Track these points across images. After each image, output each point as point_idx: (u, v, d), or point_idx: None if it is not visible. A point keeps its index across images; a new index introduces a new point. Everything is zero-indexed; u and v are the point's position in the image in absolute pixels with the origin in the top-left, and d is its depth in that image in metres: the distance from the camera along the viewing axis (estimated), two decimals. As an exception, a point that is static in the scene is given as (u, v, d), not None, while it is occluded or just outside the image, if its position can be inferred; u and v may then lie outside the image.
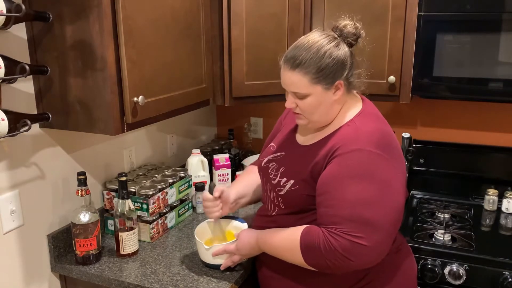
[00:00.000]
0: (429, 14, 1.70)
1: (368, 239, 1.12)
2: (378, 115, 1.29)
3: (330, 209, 1.17)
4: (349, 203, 1.14)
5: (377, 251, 1.16)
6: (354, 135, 1.21)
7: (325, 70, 1.18)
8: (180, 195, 1.80)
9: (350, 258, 1.13)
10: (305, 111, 1.24)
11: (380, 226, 1.14)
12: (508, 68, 1.63)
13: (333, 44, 1.20)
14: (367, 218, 1.13)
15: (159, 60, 1.43)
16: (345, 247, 1.13)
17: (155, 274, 1.44)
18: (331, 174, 1.19)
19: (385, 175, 1.17)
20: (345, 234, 1.13)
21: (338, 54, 1.19)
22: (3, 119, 1.20)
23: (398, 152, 1.25)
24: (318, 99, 1.21)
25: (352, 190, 1.15)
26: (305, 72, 1.18)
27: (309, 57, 1.18)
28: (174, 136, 2.18)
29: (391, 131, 1.28)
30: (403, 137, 2.04)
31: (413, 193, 2.16)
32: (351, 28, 1.22)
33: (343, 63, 1.20)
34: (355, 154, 1.17)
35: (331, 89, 1.21)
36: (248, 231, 1.40)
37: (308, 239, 1.19)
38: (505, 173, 2.00)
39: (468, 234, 1.75)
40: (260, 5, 1.77)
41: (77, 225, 1.46)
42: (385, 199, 1.16)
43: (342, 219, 1.14)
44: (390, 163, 1.19)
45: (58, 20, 1.29)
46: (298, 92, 1.22)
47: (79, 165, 1.61)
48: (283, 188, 1.30)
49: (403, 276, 1.35)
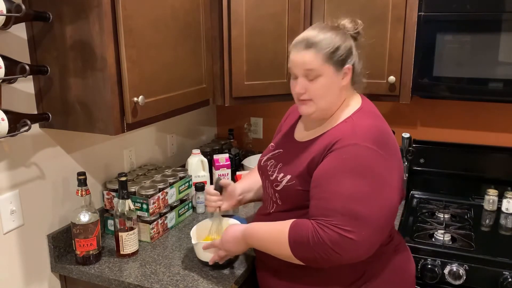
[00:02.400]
0: (429, 14, 1.70)
1: (357, 233, 1.12)
2: (376, 113, 1.31)
3: (322, 202, 1.18)
4: (341, 197, 1.15)
5: (365, 246, 1.16)
6: (351, 130, 1.22)
7: (337, 52, 1.23)
8: (180, 195, 1.80)
9: (338, 251, 1.13)
10: (315, 95, 1.25)
11: (371, 221, 1.14)
12: (508, 68, 1.63)
13: (340, 32, 1.26)
14: (358, 212, 1.13)
15: (159, 60, 1.43)
16: (334, 240, 1.13)
17: (155, 274, 1.44)
18: (326, 167, 1.20)
19: (380, 172, 1.17)
20: (334, 227, 1.13)
21: (345, 40, 1.25)
22: (3, 119, 1.20)
23: (395, 150, 1.25)
24: (329, 81, 1.24)
25: (345, 184, 1.15)
26: (319, 49, 1.22)
27: (323, 37, 1.23)
28: (174, 136, 2.19)
29: (389, 129, 1.28)
30: (403, 137, 2.04)
31: (413, 193, 2.16)
32: (352, 24, 1.28)
33: (350, 50, 1.26)
34: (351, 149, 1.18)
35: (341, 73, 1.25)
36: (234, 225, 1.39)
37: (296, 231, 1.19)
38: (505, 173, 2.00)
39: (468, 234, 1.75)
40: (260, 5, 1.77)
41: (77, 225, 1.46)
42: (378, 195, 1.16)
43: (333, 212, 1.14)
44: (386, 160, 1.19)
45: (58, 20, 1.29)
46: (311, 69, 1.23)
47: (79, 165, 1.61)
48: (280, 183, 1.31)
49: (401, 276, 1.35)
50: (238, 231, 1.34)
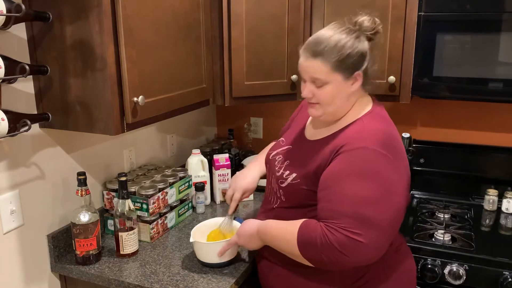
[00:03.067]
0: (429, 14, 1.70)
1: (365, 236, 1.13)
2: (386, 117, 1.31)
3: (330, 204, 1.18)
4: (350, 200, 1.15)
5: (373, 249, 1.16)
6: (360, 133, 1.22)
7: (346, 60, 1.21)
8: (180, 195, 1.80)
9: (346, 253, 1.13)
10: (323, 101, 1.25)
11: (379, 224, 1.14)
12: (508, 68, 1.63)
13: (354, 36, 1.22)
14: (366, 215, 1.13)
15: (159, 60, 1.43)
16: (342, 242, 1.13)
17: (155, 274, 1.44)
18: (334, 170, 1.20)
19: (388, 175, 1.17)
20: (342, 230, 1.13)
21: (359, 46, 1.22)
22: (3, 119, 1.20)
23: (403, 155, 1.26)
24: (337, 89, 1.23)
25: (354, 187, 1.15)
26: (327, 59, 1.20)
27: (332, 45, 1.20)
28: (174, 136, 2.18)
29: (398, 134, 1.28)
30: (403, 137, 2.04)
31: (413, 193, 2.16)
32: (370, 23, 1.25)
33: (362, 55, 1.23)
34: (359, 152, 1.18)
35: (350, 80, 1.23)
36: (251, 220, 1.41)
37: (305, 232, 1.19)
38: (505, 173, 2.00)
39: (468, 234, 1.75)
40: (260, 5, 1.77)
41: (77, 225, 1.46)
42: (386, 198, 1.16)
43: (341, 215, 1.14)
44: (394, 164, 1.19)
45: (58, 20, 1.29)
46: (318, 78, 1.22)
47: (79, 165, 1.61)
48: (285, 180, 1.31)
49: (402, 276, 1.35)
50: (254, 226, 1.36)
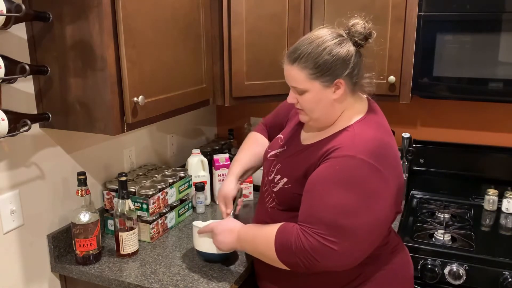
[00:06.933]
0: (429, 14, 1.70)
1: (339, 244, 1.13)
2: (381, 124, 1.27)
3: (310, 209, 1.18)
4: (328, 207, 1.14)
5: (346, 257, 1.16)
6: (350, 141, 1.19)
7: (322, 66, 1.17)
8: (180, 195, 1.80)
9: (318, 259, 1.14)
10: (305, 108, 1.25)
11: (354, 234, 1.14)
12: (508, 68, 1.63)
13: (336, 41, 1.18)
14: (343, 225, 1.13)
15: (159, 60, 1.43)
16: (314, 247, 1.13)
17: (155, 274, 1.44)
18: (319, 175, 1.19)
19: (372, 187, 1.15)
20: (316, 235, 1.14)
21: (338, 52, 1.17)
22: (3, 119, 1.20)
23: (395, 164, 1.22)
24: (317, 96, 1.21)
25: (335, 195, 1.14)
26: (303, 66, 1.18)
27: (308, 52, 1.17)
28: (174, 136, 2.18)
29: (392, 142, 1.24)
30: (403, 137, 2.04)
31: (413, 193, 2.16)
32: (360, 27, 1.20)
33: (344, 61, 1.18)
34: (346, 160, 1.16)
35: (331, 87, 1.20)
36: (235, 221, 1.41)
37: (282, 235, 1.20)
38: (505, 173, 2.00)
39: (468, 234, 1.75)
40: (260, 5, 1.77)
41: (77, 225, 1.46)
42: (366, 210, 1.14)
43: (318, 221, 1.14)
44: (382, 175, 1.15)
45: (58, 20, 1.29)
46: (296, 87, 1.22)
47: (79, 165, 1.61)
48: (277, 185, 1.32)
49: (398, 276, 1.34)
50: (237, 225, 1.37)
